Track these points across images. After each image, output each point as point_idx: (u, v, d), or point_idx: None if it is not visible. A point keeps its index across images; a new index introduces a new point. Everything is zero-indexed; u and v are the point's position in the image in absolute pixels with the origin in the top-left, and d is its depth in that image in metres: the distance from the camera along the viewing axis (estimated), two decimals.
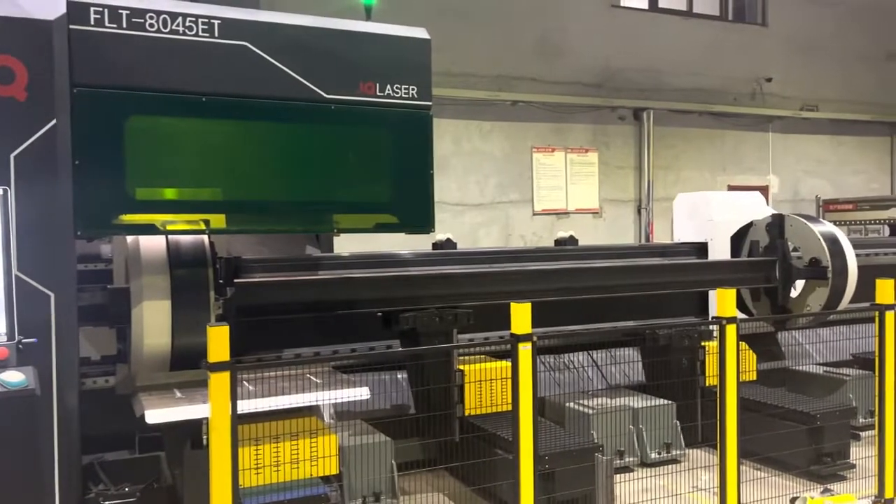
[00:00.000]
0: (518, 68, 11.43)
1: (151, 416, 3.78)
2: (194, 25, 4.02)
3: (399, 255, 5.80)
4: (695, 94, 12.69)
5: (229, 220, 4.22)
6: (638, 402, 5.83)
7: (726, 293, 4.23)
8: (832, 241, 6.24)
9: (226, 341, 3.16)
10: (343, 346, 5.62)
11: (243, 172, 4.32)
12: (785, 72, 13.45)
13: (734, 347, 4.23)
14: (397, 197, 4.63)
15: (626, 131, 12.35)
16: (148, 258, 4.31)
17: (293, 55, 4.24)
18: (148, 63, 3.91)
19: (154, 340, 4.26)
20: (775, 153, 13.55)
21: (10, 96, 3.63)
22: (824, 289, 6.18)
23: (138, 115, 3.94)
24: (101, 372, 4.73)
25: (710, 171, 12.96)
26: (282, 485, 4.01)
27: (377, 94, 4.47)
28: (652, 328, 6.11)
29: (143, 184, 3.99)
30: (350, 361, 5.38)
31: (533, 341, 3.77)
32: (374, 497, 4.83)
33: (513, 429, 3.84)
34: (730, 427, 4.19)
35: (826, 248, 6.17)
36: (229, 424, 3.15)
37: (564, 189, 11.88)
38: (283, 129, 4.33)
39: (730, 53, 12.97)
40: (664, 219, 12.51)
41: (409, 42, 4.58)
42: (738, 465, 4.23)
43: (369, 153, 4.57)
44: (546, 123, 11.74)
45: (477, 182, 11.36)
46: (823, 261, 6.19)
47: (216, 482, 3.15)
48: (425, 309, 5.25)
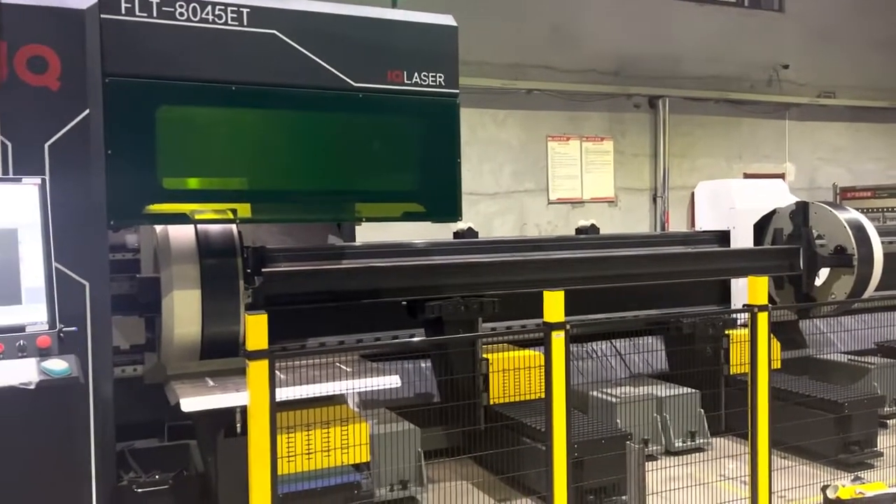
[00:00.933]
0: (533, 56, 11.36)
1: (187, 405, 3.80)
2: (223, 14, 4.01)
3: (422, 245, 5.79)
4: (711, 82, 12.59)
5: (258, 210, 4.23)
6: (662, 390, 5.82)
7: (758, 281, 4.20)
8: (858, 228, 6.19)
9: (264, 329, 3.17)
10: (367, 336, 5.63)
11: (271, 161, 4.32)
12: (802, 58, 13.33)
13: (766, 335, 4.21)
14: (424, 185, 4.63)
15: (642, 119, 12.28)
16: (178, 248, 4.32)
17: (321, 43, 4.23)
18: (178, 52, 3.91)
19: (184, 329, 4.28)
20: (792, 141, 13.45)
21: (44, 86, 3.63)
22: (849, 277, 6.14)
23: (169, 104, 3.95)
24: (130, 361, 4.77)
25: (726, 159, 12.88)
26: (314, 472, 4.02)
27: (404, 82, 4.46)
28: (678, 317, 6.09)
29: (174, 173, 4.00)
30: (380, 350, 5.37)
31: (566, 329, 3.76)
32: (402, 485, 4.85)
33: (545, 417, 3.83)
34: (761, 416, 4.18)
35: (852, 236, 6.13)
36: (268, 412, 3.16)
37: (580, 178, 11.84)
38: (311, 117, 4.33)
39: (746, 40, 12.86)
40: (680, 207, 12.46)
41: (436, 29, 4.57)
42: (769, 455, 4.21)
43: (396, 142, 4.56)
44: (561, 112, 11.68)
45: (492, 171, 11.32)
46: (849, 248, 6.15)
47: (255, 470, 3.17)
48: (450, 298, 5.25)
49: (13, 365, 3.04)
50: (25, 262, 3.24)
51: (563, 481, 3.79)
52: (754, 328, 4.21)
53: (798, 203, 6.53)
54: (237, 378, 4.13)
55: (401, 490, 4.82)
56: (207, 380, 4.21)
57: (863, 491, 4.37)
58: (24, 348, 3.10)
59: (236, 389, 3.92)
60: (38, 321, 3.18)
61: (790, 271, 6.40)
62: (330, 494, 4.05)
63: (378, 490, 4.61)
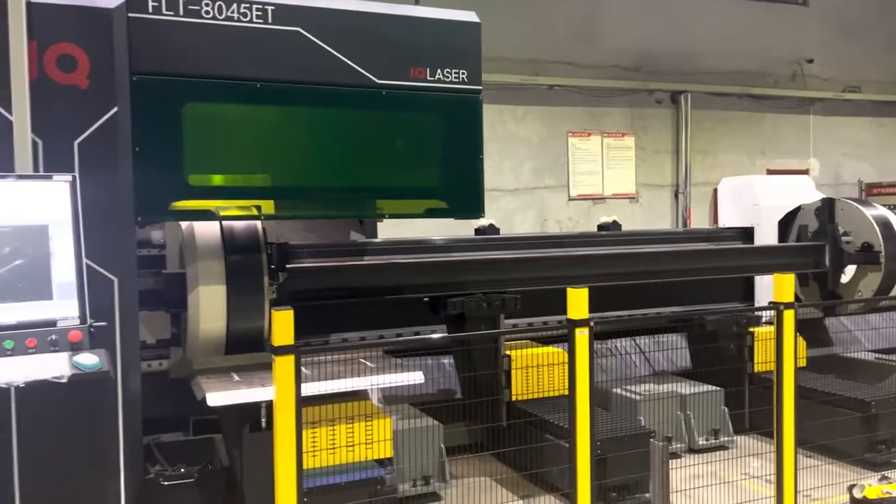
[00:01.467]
0: (553, 52, 11.30)
1: (213, 399, 3.84)
2: (248, 12, 4.03)
3: (444, 241, 5.80)
4: (733, 77, 12.45)
5: (282, 206, 4.27)
6: (685, 388, 5.79)
7: (785, 278, 4.16)
8: (885, 225, 6.11)
9: (290, 325, 3.19)
10: (389, 332, 5.65)
11: (295, 158, 4.35)
12: (826, 52, 13.14)
13: (792, 333, 4.17)
14: (447, 182, 4.63)
15: (664, 115, 12.18)
16: (203, 244, 4.36)
17: (345, 41, 4.25)
18: (204, 50, 3.95)
19: (210, 325, 4.32)
20: (816, 136, 13.27)
21: (73, 84, 3.68)
22: (877, 274, 6.06)
23: (195, 101, 3.99)
24: (156, 356, 4.81)
25: (749, 154, 12.74)
26: (339, 467, 4.05)
27: (428, 79, 4.46)
28: (702, 314, 6.05)
29: (200, 170, 4.04)
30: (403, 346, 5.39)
31: (590, 326, 3.75)
32: (424, 481, 4.87)
33: (569, 414, 3.83)
34: (787, 414, 4.14)
35: (879, 233, 6.05)
36: (294, 407, 3.18)
37: (601, 174, 11.77)
38: (335, 114, 4.35)
39: (769, 34, 12.70)
40: (702, 203, 12.36)
41: (459, 26, 4.57)
42: (795, 454, 4.18)
43: (420, 138, 4.57)
44: (582, 107, 11.61)
45: (512, 167, 11.29)
46: (876, 245, 6.07)
47: (281, 464, 3.19)
48: (472, 294, 5.25)
49: (46, 359, 3.09)
50: (56, 258, 3.29)
51: (586, 478, 3.79)
52: (780, 326, 4.17)
53: (824, 199, 6.45)
54: (262, 373, 4.17)
55: (423, 486, 4.84)
56: (233, 375, 4.25)
57: (890, 490, 4.33)
58: (55, 343, 3.15)
59: (261, 384, 3.96)
60: (70, 316, 3.23)
61: (816, 268, 6.33)
62: (354, 489, 4.08)
63: (401, 485, 4.63)
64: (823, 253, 6.29)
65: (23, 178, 3.42)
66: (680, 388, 5.79)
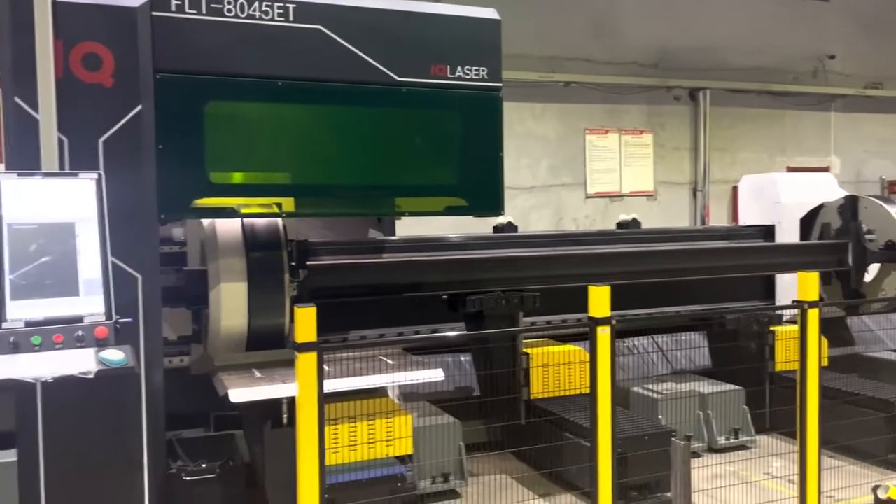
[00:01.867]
0: (570, 49, 11.25)
1: (235, 396, 3.86)
2: (270, 10, 4.05)
3: (463, 239, 5.79)
4: (753, 73, 12.33)
5: (302, 204, 4.28)
6: (706, 387, 5.75)
7: (809, 276, 4.12)
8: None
9: (313, 322, 3.21)
10: (407, 329, 5.65)
11: (316, 156, 4.37)
12: (848, 48, 12.98)
13: (816, 332, 4.13)
14: (466, 179, 4.63)
15: (682, 112, 12.09)
16: (225, 241, 4.39)
17: (366, 38, 4.25)
18: (226, 48, 3.97)
19: (231, 321, 4.35)
20: (837, 133, 13.12)
21: (98, 83, 3.71)
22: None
23: (217, 100, 4.01)
24: (177, 352, 4.85)
25: (769, 152, 12.62)
26: (359, 464, 4.06)
27: (448, 77, 4.46)
28: (722, 312, 6.01)
29: (222, 168, 4.07)
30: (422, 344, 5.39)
31: (612, 325, 3.74)
32: (443, 478, 4.87)
33: (590, 413, 3.82)
34: (811, 414, 4.10)
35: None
36: (316, 404, 3.19)
37: (618, 171, 11.71)
38: (355, 112, 4.36)
39: (790, 30, 12.56)
40: (721, 201, 12.26)
41: (479, 23, 4.56)
42: (819, 454, 4.14)
43: (440, 136, 4.57)
44: (599, 105, 11.55)
45: (528, 165, 11.26)
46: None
47: (303, 460, 3.21)
48: (491, 292, 5.25)
49: (72, 355, 3.12)
50: (82, 254, 3.32)
51: (607, 477, 3.78)
52: (804, 325, 4.13)
53: (847, 197, 6.38)
54: (283, 369, 4.19)
55: (442, 483, 4.84)
56: (254, 371, 4.27)
57: None
58: (82, 339, 3.19)
59: (283, 381, 3.98)
60: (96, 312, 3.26)
61: (838, 267, 6.26)
62: (374, 486, 4.09)
63: (421, 482, 4.64)
64: (846, 251, 6.22)
65: (49, 176, 3.45)
66: (700, 387, 5.75)
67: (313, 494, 3.21)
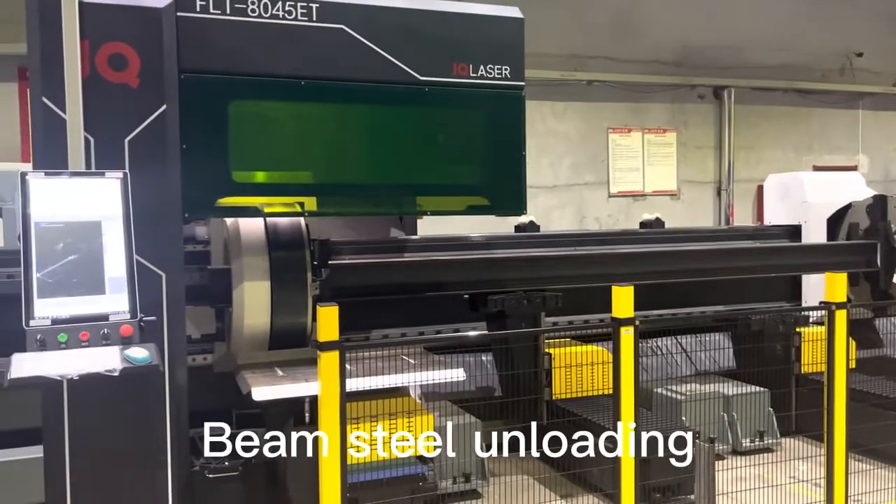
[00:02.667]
0: (592, 47, 11.18)
1: (258, 394, 3.88)
2: (293, 9, 4.06)
3: (484, 238, 5.78)
4: (779, 71, 12.17)
5: (324, 203, 4.28)
6: (730, 388, 5.69)
7: (837, 277, 4.05)
8: None
9: (335, 321, 3.21)
10: (429, 328, 5.65)
11: (339, 155, 4.37)
12: (876, 45, 12.76)
13: (844, 334, 4.06)
14: (489, 179, 4.61)
15: (706, 110, 11.97)
16: (248, 240, 4.42)
17: (388, 37, 4.25)
18: (250, 48, 3.98)
19: (254, 320, 4.37)
20: (865, 132, 12.91)
21: (124, 83, 3.74)
22: None
23: (241, 99, 4.03)
24: (201, 350, 4.89)
25: (795, 150, 12.45)
26: (380, 463, 4.06)
27: (470, 76, 4.44)
28: (747, 313, 5.93)
29: (246, 167, 4.08)
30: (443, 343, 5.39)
31: (635, 325, 3.70)
32: (465, 478, 4.86)
33: (613, 414, 3.79)
34: (838, 417, 4.04)
35: None
36: (339, 402, 3.20)
37: (641, 170, 11.63)
38: (378, 111, 4.35)
39: (817, 27, 12.37)
40: (745, 201, 12.12)
41: (502, 22, 4.53)
42: (846, 458, 4.07)
43: (462, 135, 4.55)
44: (622, 103, 11.48)
45: (550, 164, 11.22)
46: None
47: (326, 459, 3.22)
48: (513, 292, 5.23)
49: (98, 352, 3.15)
50: (108, 253, 3.35)
51: (630, 479, 3.74)
52: (832, 326, 4.07)
53: (875, 196, 6.27)
54: (305, 368, 4.20)
55: (464, 483, 4.83)
56: (277, 370, 4.29)
57: None
58: (107, 336, 3.22)
59: (305, 379, 4.00)
60: (121, 310, 3.29)
61: (867, 267, 6.16)
62: (396, 485, 4.09)
63: (442, 482, 4.63)
64: (875, 252, 6.11)
65: (76, 175, 3.49)
66: (724, 388, 5.69)
67: (335, 493, 3.22)
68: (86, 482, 3.58)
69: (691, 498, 4.39)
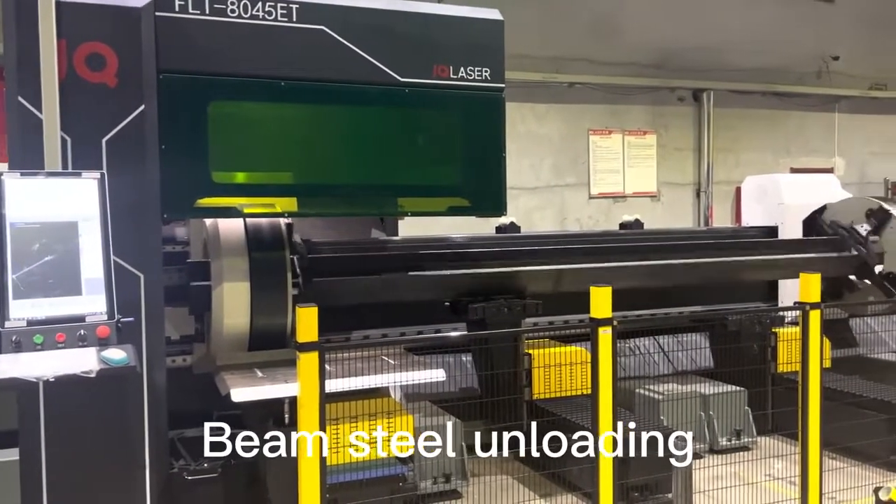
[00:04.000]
0: (573, 49, 11.24)
1: (237, 395, 3.87)
2: (273, 10, 4.06)
3: (465, 239, 5.79)
4: (757, 74, 12.31)
5: (305, 204, 4.28)
6: (708, 388, 5.75)
7: (811, 277, 4.12)
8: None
9: (314, 322, 3.21)
10: (410, 329, 5.66)
11: (319, 156, 4.38)
12: (852, 49, 12.94)
13: (818, 334, 4.13)
14: (469, 180, 4.64)
15: (686, 112, 12.08)
16: (227, 241, 4.40)
17: (369, 39, 4.26)
18: (229, 48, 3.98)
19: (233, 321, 4.36)
20: (841, 134, 13.10)
21: (102, 82, 3.72)
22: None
23: (220, 100, 4.02)
24: (179, 351, 4.87)
25: (773, 153, 12.60)
26: (360, 464, 4.06)
27: (451, 77, 4.47)
28: (724, 314, 6.00)
29: (225, 168, 4.08)
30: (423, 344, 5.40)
31: (613, 325, 3.74)
32: (445, 478, 4.87)
33: (591, 414, 3.82)
34: (812, 416, 4.10)
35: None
36: (318, 403, 3.20)
37: (622, 172, 11.71)
38: (358, 112, 4.37)
39: (794, 30, 12.52)
40: (724, 202, 12.24)
41: (482, 24, 4.57)
42: (820, 456, 4.13)
43: (442, 136, 4.58)
44: (603, 105, 11.55)
45: (531, 165, 11.26)
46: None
47: (305, 460, 3.22)
48: (494, 300, 5.24)
49: (74, 354, 3.14)
50: (85, 254, 3.34)
51: (608, 478, 3.78)
52: (806, 326, 4.13)
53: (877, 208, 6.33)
54: (285, 369, 4.20)
55: (444, 483, 4.85)
56: (256, 371, 4.28)
57: None
58: (84, 338, 3.20)
59: (285, 380, 3.99)
60: (98, 311, 3.28)
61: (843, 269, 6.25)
62: (375, 486, 4.09)
63: (422, 483, 4.64)
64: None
65: (52, 176, 3.47)
66: (702, 388, 5.75)
67: (314, 494, 3.22)
68: (63, 485, 3.55)
69: (669, 496, 4.44)
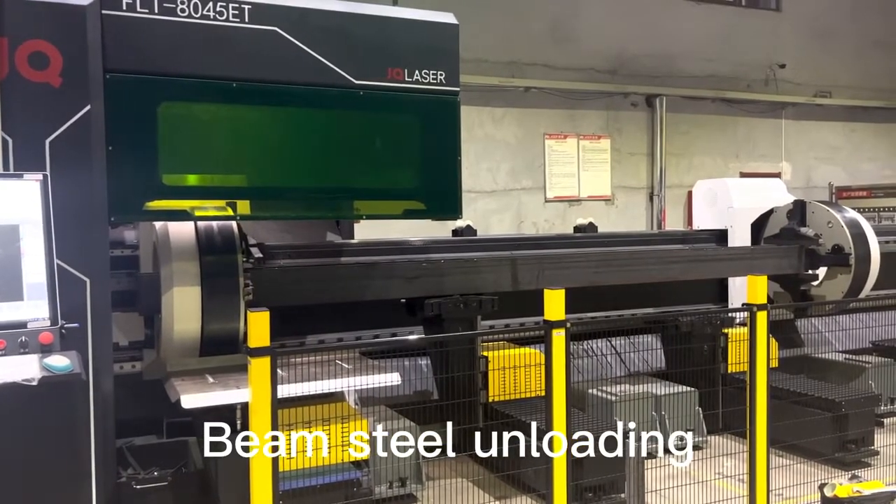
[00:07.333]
0: (530, 54, 11.37)
1: (187, 402, 3.80)
2: (225, 10, 4.00)
3: (421, 242, 5.79)
4: (708, 81, 12.62)
5: (258, 206, 4.23)
6: (660, 388, 5.84)
7: (757, 280, 4.22)
8: (855, 227, 6.22)
9: (266, 326, 3.17)
10: (366, 332, 5.63)
11: (272, 158, 4.32)
12: (798, 58, 13.37)
13: (765, 334, 4.23)
14: (425, 183, 4.63)
15: (639, 118, 12.31)
16: (178, 244, 4.31)
17: (323, 40, 4.23)
18: (179, 49, 3.91)
19: (184, 326, 4.27)
20: (788, 140, 13.50)
21: (45, 82, 3.61)
22: (847, 276, 6.17)
23: (169, 100, 3.94)
24: (129, 357, 4.76)
25: (723, 157, 12.92)
26: (314, 469, 4.02)
27: (405, 80, 4.46)
28: (676, 315, 6.11)
29: (175, 170, 4.00)
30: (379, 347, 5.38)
31: (566, 327, 3.77)
32: (401, 482, 4.85)
33: (545, 415, 3.85)
34: (760, 414, 4.20)
35: (849, 235, 6.16)
36: (270, 409, 3.16)
37: (577, 176, 11.86)
38: (311, 115, 4.32)
39: (744, 39, 12.89)
40: (677, 206, 12.50)
41: (437, 27, 4.57)
42: (767, 453, 4.23)
43: (397, 139, 4.56)
44: (559, 110, 11.70)
45: (489, 169, 11.34)
46: (846, 248, 6.17)
47: (257, 466, 3.17)
48: (450, 296, 5.25)
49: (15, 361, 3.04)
50: (27, 258, 3.24)
51: (562, 479, 3.81)
52: (753, 327, 4.23)
53: (796, 202, 6.55)
54: (237, 375, 4.13)
55: (399, 487, 4.83)
56: (207, 377, 4.21)
57: (860, 489, 4.40)
58: (25, 344, 3.10)
59: (236, 386, 3.93)
60: (40, 317, 3.18)
61: (790, 270, 6.42)
62: (330, 491, 4.06)
63: (377, 487, 4.62)
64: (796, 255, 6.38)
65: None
66: (654, 388, 5.84)
67: (266, 501, 3.18)
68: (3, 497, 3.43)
69: (622, 496, 4.50)
